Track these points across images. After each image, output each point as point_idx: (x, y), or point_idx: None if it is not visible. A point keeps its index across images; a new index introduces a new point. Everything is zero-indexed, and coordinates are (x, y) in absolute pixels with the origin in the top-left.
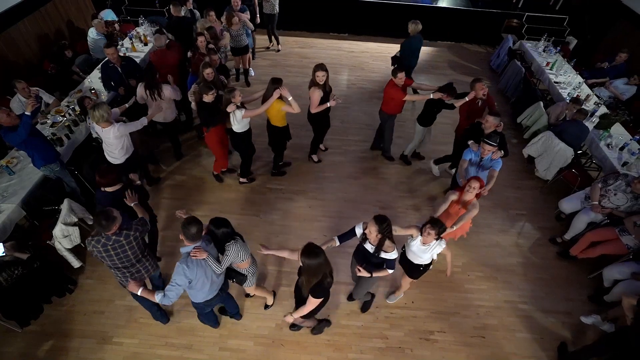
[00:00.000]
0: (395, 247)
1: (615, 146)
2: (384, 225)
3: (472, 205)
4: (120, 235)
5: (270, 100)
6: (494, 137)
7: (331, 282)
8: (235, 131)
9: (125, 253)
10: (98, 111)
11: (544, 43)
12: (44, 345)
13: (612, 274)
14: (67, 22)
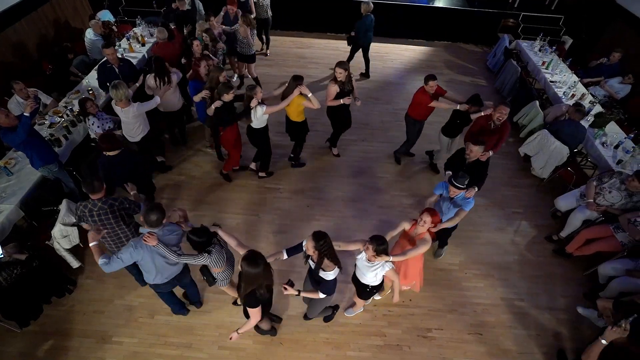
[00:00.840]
0: (336, 267)
1: (610, 144)
2: (321, 242)
3: (422, 241)
4: (105, 203)
5: (291, 96)
6: (461, 178)
7: (265, 295)
8: (254, 127)
9: (108, 220)
10: (120, 91)
11: (539, 42)
12: (43, 345)
13: (607, 271)
14: (64, 22)
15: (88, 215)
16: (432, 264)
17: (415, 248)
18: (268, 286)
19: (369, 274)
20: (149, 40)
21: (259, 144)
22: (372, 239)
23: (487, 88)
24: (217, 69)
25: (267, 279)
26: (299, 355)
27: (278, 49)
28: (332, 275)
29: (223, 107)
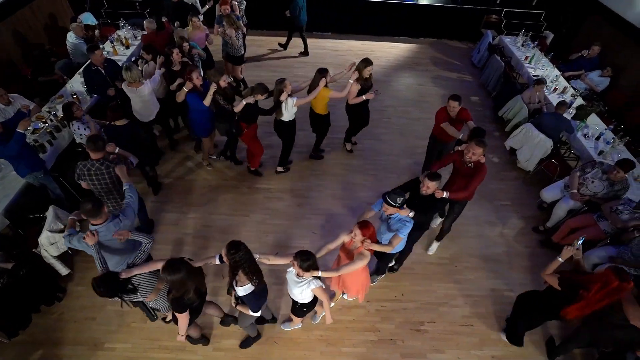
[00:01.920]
0: (251, 282)
1: (591, 136)
2: (232, 252)
3: (359, 255)
4: (102, 164)
5: (318, 88)
6: (395, 195)
7: (194, 300)
8: (283, 120)
9: (102, 181)
10: (133, 72)
11: (522, 38)
12: (34, 355)
13: (592, 259)
14: (45, 25)
15: (86, 173)
16: (423, 258)
17: (351, 263)
18: (197, 290)
19: (295, 290)
20: (134, 42)
21: (285, 137)
22: (297, 254)
23: (473, 83)
24: (216, 74)
25: (196, 282)
26: (294, 353)
27: (264, 48)
28: (243, 291)
29: (252, 105)
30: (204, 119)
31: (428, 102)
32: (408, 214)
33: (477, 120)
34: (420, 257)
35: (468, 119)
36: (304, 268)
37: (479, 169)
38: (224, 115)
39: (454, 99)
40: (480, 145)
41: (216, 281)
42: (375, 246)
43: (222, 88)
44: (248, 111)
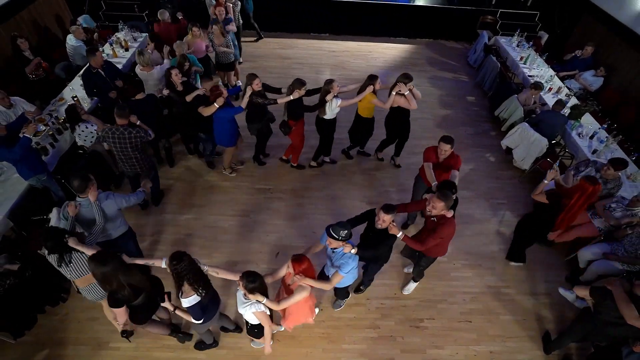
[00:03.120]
0: (196, 292)
1: (585, 135)
2: (174, 263)
3: (298, 288)
4: (125, 130)
5: (364, 93)
6: (339, 227)
7: (129, 298)
8: (324, 118)
9: (123, 145)
10: (145, 56)
11: (517, 38)
12: (38, 355)
13: (586, 255)
14: (44, 28)
15: (111, 136)
16: None
17: (290, 297)
18: (133, 287)
19: (241, 309)
20: (132, 44)
21: (324, 134)
22: (244, 274)
23: (469, 83)
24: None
25: (130, 280)
26: (295, 350)
27: (261, 50)
28: (188, 302)
29: (295, 102)
30: (232, 129)
31: (424, 103)
32: (351, 250)
33: (473, 120)
34: None
35: (455, 167)
36: (248, 289)
37: (443, 225)
38: (256, 115)
39: (446, 141)
40: (441, 199)
41: None
42: (311, 282)
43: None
44: (293, 107)
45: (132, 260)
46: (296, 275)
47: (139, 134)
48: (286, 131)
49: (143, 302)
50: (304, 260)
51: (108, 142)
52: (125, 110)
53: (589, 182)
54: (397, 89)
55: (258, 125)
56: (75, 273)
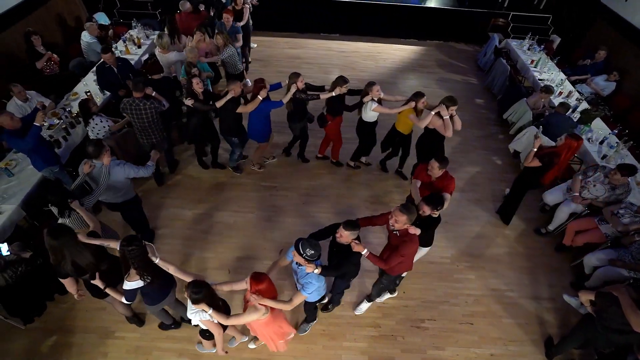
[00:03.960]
0: (140, 278)
1: (595, 140)
2: (123, 244)
3: (251, 308)
4: (141, 102)
5: (403, 107)
6: (307, 243)
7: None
8: (364, 120)
9: (140, 116)
10: (164, 39)
11: (528, 41)
12: (47, 341)
13: (592, 262)
14: (60, 25)
15: (129, 108)
16: (424, 257)
17: (240, 316)
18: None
19: (189, 314)
20: (145, 42)
21: (363, 136)
22: (189, 284)
23: (478, 86)
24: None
25: (74, 257)
26: (296, 346)
27: (272, 49)
28: (128, 286)
29: (336, 99)
30: (268, 125)
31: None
32: (313, 270)
33: (481, 122)
34: (421, 257)
35: (447, 190)
36: (192, 300)
37: (405, 243)
38: (297, 114)
39: (437, 160)
40: (403, 212)
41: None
42: (268, 302)
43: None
44: (334, 104)
45: (88, 240)
46: (252, 294)
47: (153, 105)
48: (322, 123)
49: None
50: (263, 280)
51: (127, 113)
52: (139, 84)
53: (573, 138)
54: (438, 109)
55: (301, 124)
56: (73, 226)
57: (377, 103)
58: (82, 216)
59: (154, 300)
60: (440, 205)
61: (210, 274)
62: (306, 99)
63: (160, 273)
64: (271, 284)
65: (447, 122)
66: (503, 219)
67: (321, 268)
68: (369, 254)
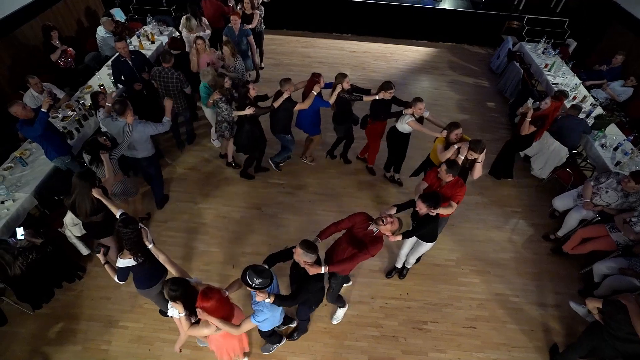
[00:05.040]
0: (132, 257)
1: (609, 146)
2: (119, 225)
3: (203, 322)
4: (169, 71)
5: (434, 134)
6: (254, 274)
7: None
8: (397, 129)
9: (166, 84)
10: (191, 22)
11: (543, 45)
12: (54, 327)
13: (602, 269)
14: (77, 20)
15: (158, 75)
16: (428, 258)
17: (194, 327)
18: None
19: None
20: (159, 38)
21: (391, 144)
22: (167, 281)
23: (490, 89)
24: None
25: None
26: (297, 344)
27: (283, 47)
28: (120, 263)
29: (380, 102)
30: (319, 118)
31: (442, 106)
32: (265, 299)
33: (492, 126)
34: (425, 258)
35: (454, 199)
36: (169, 297)
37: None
38: (342, 116)
39: (450, 165)
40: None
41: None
42: (215, 322)
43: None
44: (376, 107)
45: (99, 195)
46: (197, 308)
47: (179, 77)
48: (363, 125)
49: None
50: (211, 297)
51: (155, 81)
52: (167, 54)
53: (556, 99)
54: (460, 144)
55: (345, 126)
56: (100, 174)
57: (414, 118)
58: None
59: (143, 284)
60: (437, 204)
61: (215, 268)
62: (350, 99)
63: (152, 258)
64: (222, 302)
65: (457, 160)
66: (495, 177)
67: (274, 297)
68: (330, 267)
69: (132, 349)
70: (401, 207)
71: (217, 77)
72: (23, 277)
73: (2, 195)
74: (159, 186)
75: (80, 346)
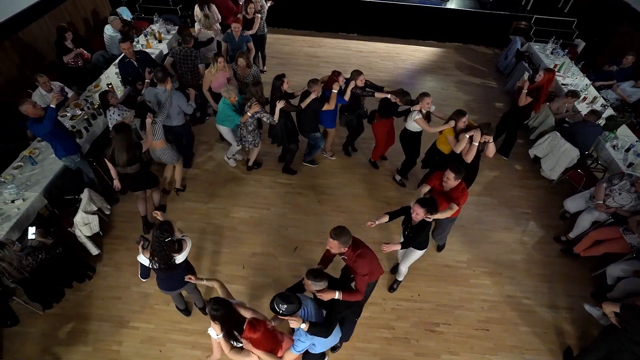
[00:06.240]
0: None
1: (621, 147)
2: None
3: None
4: (189, 50)
5: (443, 126)
6: (280, 300)
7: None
8: (406, 129)
9: (186, 62)
10: (209, 20)
11: (552, 45)
12: (65, 328)
13: (615, 272)
14: (84, 19)
15: (177, 53)
16: (439, 260)
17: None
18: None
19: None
20: (166, 36)
21: (406, 146)
22: (211, 299)
23: (497, 89)
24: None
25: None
26: None
27: (289, 47)
28: (139, 258)
29: (389, 102)
30: (336, 113)
31: (451, 107)
32: (300, 324)
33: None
34: (436, 260)
35: (456, 201)
36: (210, 315)
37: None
38: (348, 107)
39: (453, 169)
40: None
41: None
42: (258, 352)
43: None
44: (385, 105)
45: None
46: (243, 338)
47: (198, 56)
48: (370, 119)
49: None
50: (258, 329)
51: (175, 58)
52: (187, 37)
53: (549, 72)
54: (471, 133)
55: (348, 117)
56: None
57: (421, 115)
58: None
59: (161, 285)
60: (434, 210)
61: (224, 269)
62: (360, 94)
63: (169, 264)
64: (268, 335)
65: (473, 148)
66: (504, 155)
67: (309, 325)
68: (343, 295)
69: (143, 350)
70: (393, 215)
71: (253, 88)
72: (33, 277)
73: (12, 194)
74: (188, 150)
75: (91, 347)
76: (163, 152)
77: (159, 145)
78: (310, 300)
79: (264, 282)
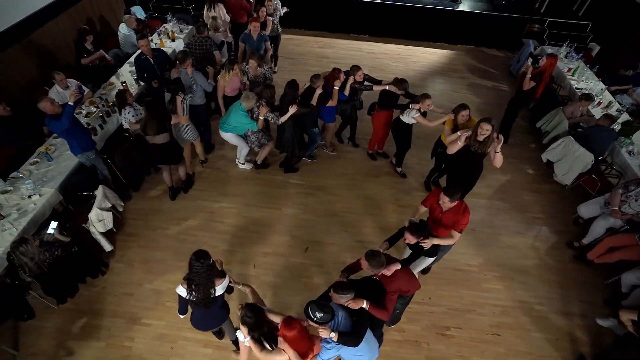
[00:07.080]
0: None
1: (637, 153)
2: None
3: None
4: (203, 39)
5: (441, 120)
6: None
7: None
8: (400, 119)
9: (201, 49)
10: (217, 22)
11: (566, 49)
12: (78, 322)
13: (631, 280)
14: (100, 17)
15: (193, 43)
16: (451, 263)
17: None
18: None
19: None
20: (179, 36)
21: (398, 138)
22: (246, 304)
23: (509, 93)
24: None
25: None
26: None
27: (301, 48)
28: (179, 290)
29: (389, 94)
30: (334, 108)
31: None
32: (329, 335)
33: (513, 130)
34: (448, 263)
35: (457, 227)
36: (241, 320)
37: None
38: (348, 100)
39: (446, 193)
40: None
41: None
42: (290, 352)
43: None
44: (385, 97)
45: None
46: (279, 336)
47: (212, 44)
48: (369, 111)
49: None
50: (294, 327)
51: (190, 48)
52: (200, 27)
53: (552, 57)
54: (465, 134)
55: (343, 107)
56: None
57: (420, 114)
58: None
59: (194, 322)
60: (424, 233)
61: (235, 268)
62: (359, 88)
63: (209, 300)
64: (303, 333)
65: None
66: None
67: (338, 335)
68: (370, 306)
69: (155, 347)
70: (392, 240)
71: (265, 90)
72: (49, 272)
73: (29, 189)
74: (207, 127)
75: (104, 342)
76: (186, 129)
77: (184, 121)
78: (342, 309)
79: (275, 282)
